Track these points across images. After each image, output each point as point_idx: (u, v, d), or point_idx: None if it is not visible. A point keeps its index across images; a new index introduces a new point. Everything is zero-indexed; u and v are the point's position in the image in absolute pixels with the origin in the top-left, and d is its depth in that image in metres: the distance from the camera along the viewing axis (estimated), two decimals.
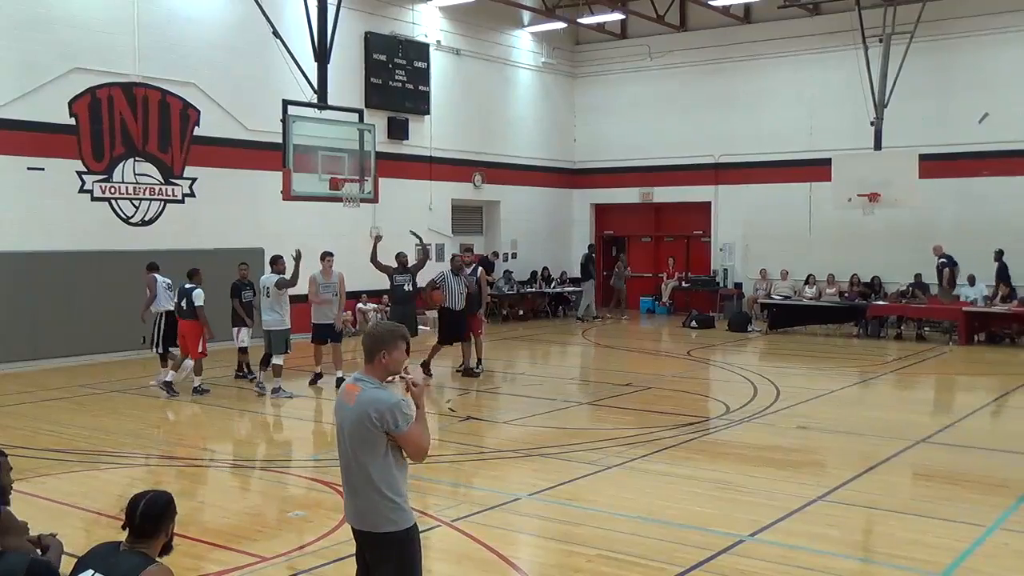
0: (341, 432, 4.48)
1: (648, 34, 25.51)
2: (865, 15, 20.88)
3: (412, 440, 4.40)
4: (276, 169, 14.68)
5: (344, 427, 4.45)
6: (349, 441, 4.42)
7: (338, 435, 4.51)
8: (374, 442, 4.35)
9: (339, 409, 4.51)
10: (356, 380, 4.49)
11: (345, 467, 4.50)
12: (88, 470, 9.23)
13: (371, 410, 4.32)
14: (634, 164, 26.14)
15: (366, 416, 4.33)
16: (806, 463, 9.69)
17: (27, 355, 15.43)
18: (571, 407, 12.90)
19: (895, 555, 6.69)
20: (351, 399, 4.42)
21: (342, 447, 4.49)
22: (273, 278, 13.41)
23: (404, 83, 22.01)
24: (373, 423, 4.32)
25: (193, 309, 13.18)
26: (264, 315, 13.47)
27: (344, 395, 4.49)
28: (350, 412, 4.41)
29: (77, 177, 16.38)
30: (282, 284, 13.28)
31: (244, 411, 12.67)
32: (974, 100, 21.08)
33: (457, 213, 24.22)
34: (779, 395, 13.26)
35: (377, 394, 4.39)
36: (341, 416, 4.48)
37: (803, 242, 23.36)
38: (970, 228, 21.07)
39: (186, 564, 6.10)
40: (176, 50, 17.62)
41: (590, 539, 6.98)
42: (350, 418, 4.41)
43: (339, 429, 4.50)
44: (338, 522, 7.38)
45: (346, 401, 4.45)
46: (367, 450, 4.37)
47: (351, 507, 4.54)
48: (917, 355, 17.54)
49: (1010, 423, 12.06)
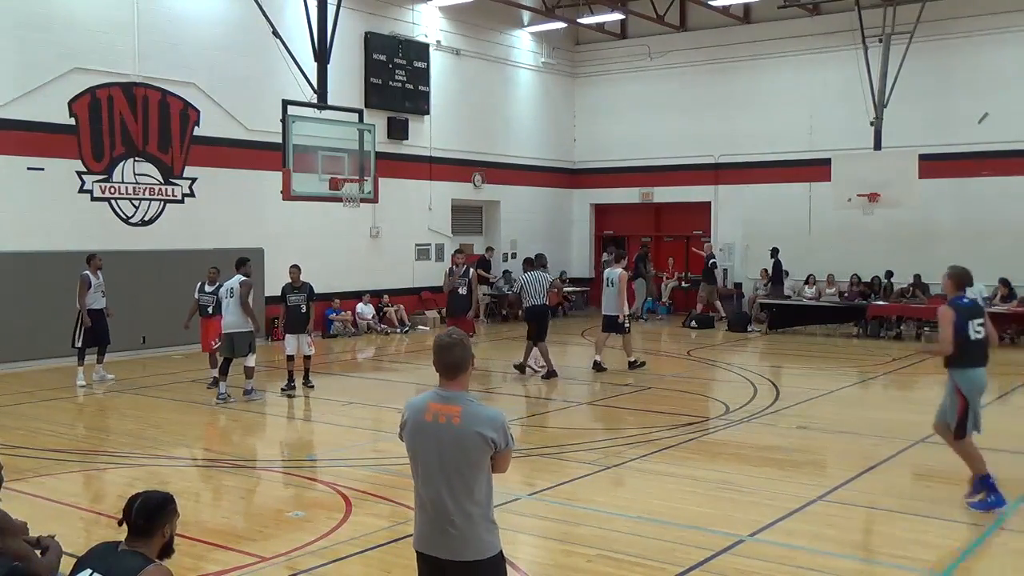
0: (429, 455, 4.07)
1: (648, 34, 25.52)
2: (865, 15, 20.89)
3: (509, 456, 4.16)
4: (276, 169, 14.69)
5: (442, 448, 4.04)
6: (450, 463, 4.03)
7: (423, 459, 4.10)
8: (482, 462, 4.05)
9: (429, 430, 4.07)
10: (447, 397, 4.09)
11: (435, 492, 4.06)
12: (88, 470, 9.23)
13: (486, 428, 4.01)
14: (634, 164, 26.14)
15: (478, 435, 4.00)
16: (806, 463, 9.69)
17: (27, 355, 15.43)
18: (571, 407, 12.90)
19: (895, 555, 6.69)
20: (450, 418, 4.03)
21: (429, 469, 4.08)
22: (237, 280, 12.79)
23: (404, 83, 22.01)
24: (487, 442, 4.01)
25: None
26: (226, 317, 12.87)
27: (432, 414, 4.08)
28: (453, 431, 4.02)
29: (77, 177, 16.39)
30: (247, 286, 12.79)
31: (244, 411, 12.67)
32: (974, 100, 21.08)
33: (457, 213, 24.22)
34: (779, 395, 13.27)
35: (485, 411, 4.11)
36: (434, 437, 4.06)
37: (803, 242, 23.36)
38: (970, 228, 21.07)
39: (186, 564, 6.10)
40: (176, 50, 17.62)
41: (590, 539, 6.98)
42: (451, 438, 4.02)
43: (425, 452, 4.09)
44: (338, 522, 7.39)
45: (439, 420, 4.05)
46: (475, 471, 4.03)
47: (442, 537, 4.08)
48: (917, 355, 17.52)
49: (1010, 423, 12.04)
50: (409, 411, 4.20)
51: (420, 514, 4.20)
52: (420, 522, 4.20)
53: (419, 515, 4.21)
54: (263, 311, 18.71)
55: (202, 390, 13.57)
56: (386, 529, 7.23)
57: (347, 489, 8.30)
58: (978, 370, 8.06)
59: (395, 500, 7.85)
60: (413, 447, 4.17)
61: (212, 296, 13.73)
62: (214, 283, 13.84)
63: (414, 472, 4.20)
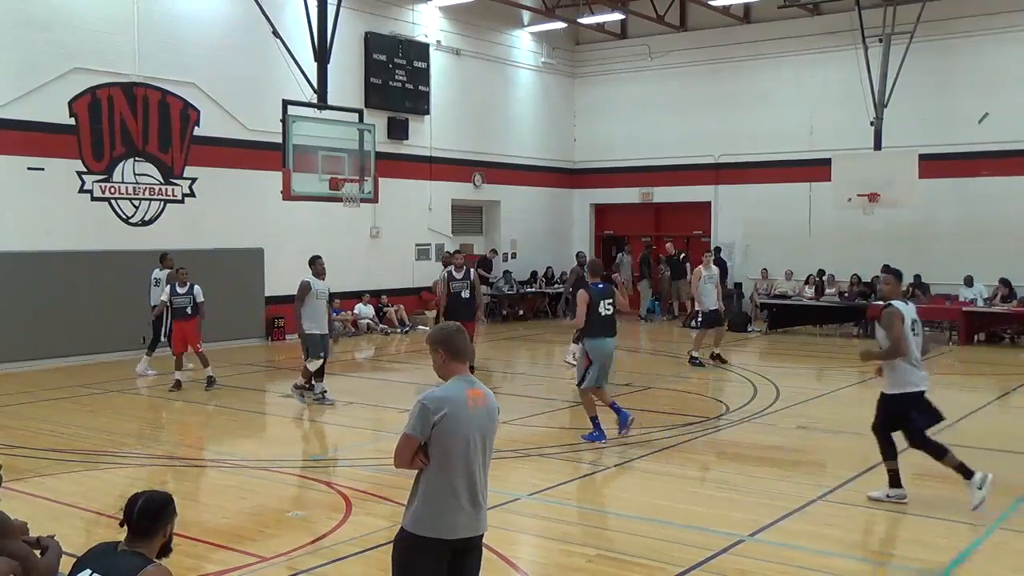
0: (473, 439, 4.27)
1: (648, 34, 25.51)
2: (865, 15, 20.87)
3: None
4: (276, 169, 14.67)
5: (484, 431, 4.32)
6: (489, 445, 4.37)
7: (466, 446, 4.26)
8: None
9: (473, 416, 4.29)
10: (473, 382, 4.39)
11: (471, 476, 4.29)
12: (88, 470, 9.22)
13: (498, 406, 4.45)
14: (634, 164, 26.13)
15: (497, 410, 4.43)
16: (806, 463, 9.69)
17: (27, 355, 15.42)
18: (571, 407, 12.89)
19: (895, 555, 6.70)
20: (484, 400, 4.35)
21: (472, 455, 4.28)
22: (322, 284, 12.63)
23: (404, 83, 22.01)
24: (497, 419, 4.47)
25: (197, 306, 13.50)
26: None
27: (472, 400, 4.30)
28: (487, 411, 4.35)
29: (77, 177, 16.38)
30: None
31: (244, 411, 12.67)
32: (974, 100, 21.08)
33: (457, 213, 24.21)
34: (779, 395, 13.26)
35: (486, 387, 4.48)
36: (477, 422, 4.29)
37: (803, 242, 23.36)
38: (970, 228, 21.07)
39: (186, 564, 6.10)
40: (176, 50, 17.61)
41: (590, 539, 6.99)
42: (488, 418, 4.36)
43: (467, 439, 4.26)
44: (338, 522, 7.39)
45: (480, 404, 4.32)
46: (493, 445, 4.47)
47: (481, 517, 4.37)
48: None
49: (1010, 423, 12.05)
50: (446, 404, 4.24)
51: (450, 502, 4.25)
52: (450, 510, 4.25)
53: (449, 504, 4.25)
54: (263, 311, 18.77)
55: (202, 390, 13.54)
56: (386, 529, 7.21)
57: (347, 489, 8.30)
58: (606, 340, 10.39)
59: (395, 500, 7.83)
60: (452, 438, 4.22)
61: (188, 297, 13.70)
62: (184, 284, 13.75)
63: (444, 462, 4.23)
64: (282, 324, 19.33)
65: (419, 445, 4.24)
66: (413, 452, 4.25)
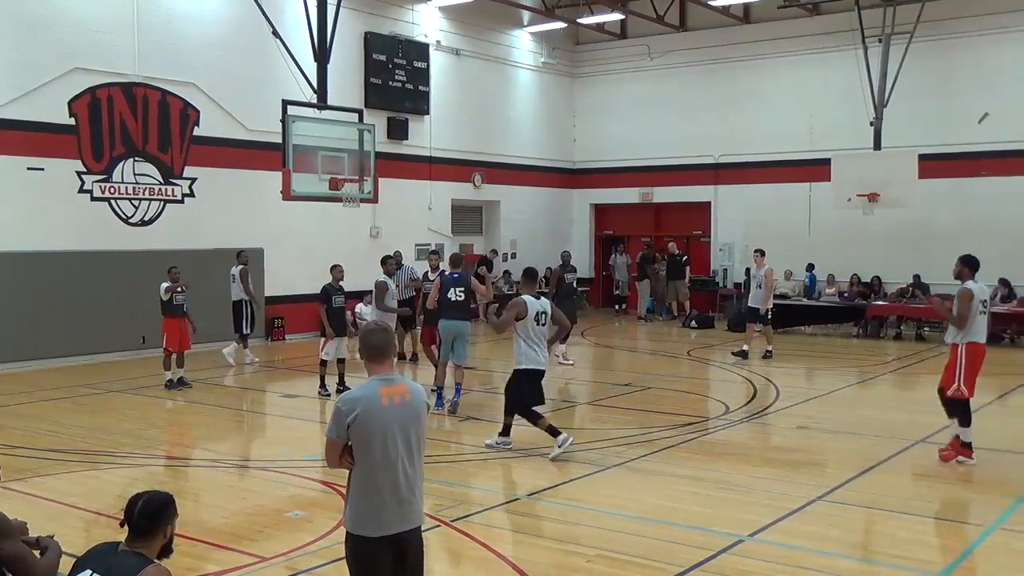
0: (391, 435, 4.31)
1: (648, 34, 25.51)
2: (865, 15, 20.88)
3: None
4: (276, 169, 14.68)
5: (403, 425, 4.35)
6: (413, 438, 4.38)
7: (383, 442, 4.30)
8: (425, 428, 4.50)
9: (388, 412, 4.32)
10: (390, 380, 4.41)
11: (395, 471, 4.33)
12: (88, 470, 9.22)
13: (424, 398, 4.49)
14: (634, 164, 26.13)
15: (425, 404, 4.49)
16: (806, 463, 9.69)
17: (27, 355, 15.42)
18: (571, 407, 12.89)
19: (895, 555, 6.69)
20: (404, 396, 4.38)
21: (391, 451, 4.31)
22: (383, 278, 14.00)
23: (404, 83, 22.01)
24: (427, 410, 4.53)
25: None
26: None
27: (387, 398, 4.33)
28: (408, 408, 4.38)
29: (77, 177, 16.38)
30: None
31: (244, 411, 12.67)
32: (974, 100, 21.05)
33: (457, 213, 24.21)
34: (779, 395, 13.27)
35: (415, 384, 4.55)
36: (394, 417, 4.33)
37: (803, 242, 23.35)
38: (970, 228, 21.04)
39: (186, 564, 6.10)
40: (176, 50, 17.61)
41: (590, 539, 6.98)
42: (409, 416, 4.38)
43: (384, 434, 4.30)
44: (338, 522, 7.38)
45: (396, 400, 4.35)
46: (424, 438, 4.48)
47: (409, 511, 4.41)
48: (917, 355, 17.53)
49: (1010, 423, 12.05)
50: (359, 404, 4.33)
51: (375, 499, 4.33)
52: (376, 507, 4.34)
53: (374, 501, 4.34)
54: (263, 311, 18.75)
55: (202, 390, 13.55)
56: None
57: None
58: (452, 322, 11.98)
59: None
60: (369, 434, 4.30)
61: (186, 296, 13.78)
62: (176, 282, 13.79)
63: (365, 460, 4.32)
64: (282, 324, 19.33)
65: (344, 446, 4.37)
66: (338, 454, 4.40)
